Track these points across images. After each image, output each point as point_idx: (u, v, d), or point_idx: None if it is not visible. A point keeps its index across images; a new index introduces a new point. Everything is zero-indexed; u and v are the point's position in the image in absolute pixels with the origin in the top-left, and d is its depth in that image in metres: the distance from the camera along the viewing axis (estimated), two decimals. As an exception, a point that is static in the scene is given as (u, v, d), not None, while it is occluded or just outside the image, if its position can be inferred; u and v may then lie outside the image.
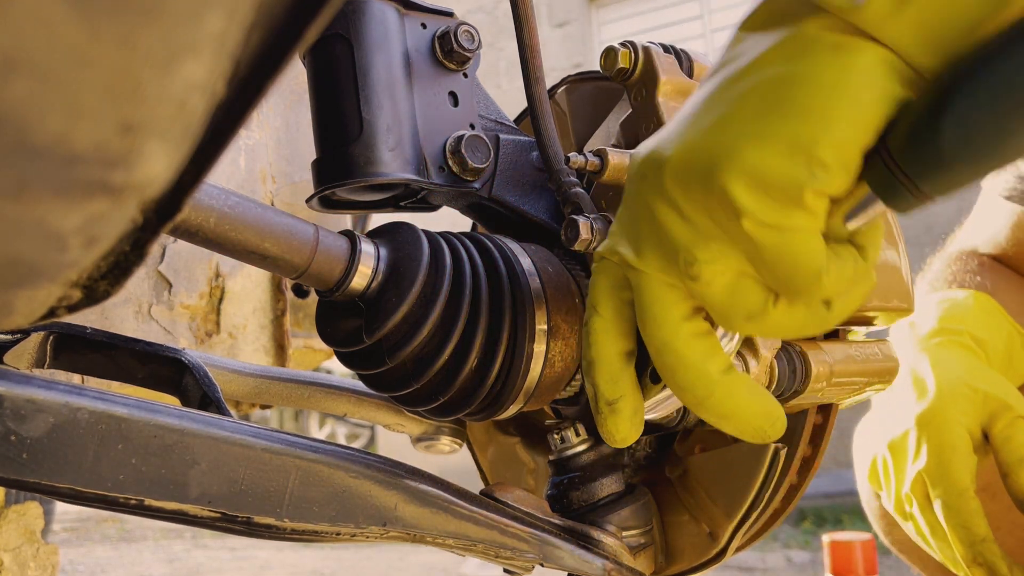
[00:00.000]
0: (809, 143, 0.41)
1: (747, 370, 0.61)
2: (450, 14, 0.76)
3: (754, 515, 0.70)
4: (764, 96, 0.43)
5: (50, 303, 0.30)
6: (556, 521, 0.70)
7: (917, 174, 0.41)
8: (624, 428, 0.53)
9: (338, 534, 0.55)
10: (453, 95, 0.74)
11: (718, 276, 0.45)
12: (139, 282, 1.12)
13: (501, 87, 6.44)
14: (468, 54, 0.75)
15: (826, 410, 0.71)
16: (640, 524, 0.74)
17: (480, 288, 0.66)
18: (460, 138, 0.72)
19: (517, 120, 0.87)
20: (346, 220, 1.54)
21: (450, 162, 0.72)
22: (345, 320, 0.65)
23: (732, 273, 0.45)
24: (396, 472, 0.58)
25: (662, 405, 0.55)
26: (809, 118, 0.41)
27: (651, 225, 0.48)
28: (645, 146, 0.50)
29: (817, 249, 0.43)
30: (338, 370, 6.11)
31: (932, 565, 0.89)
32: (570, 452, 0.75)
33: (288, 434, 0.54)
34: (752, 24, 0.46)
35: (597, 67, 0.75)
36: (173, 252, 1.16)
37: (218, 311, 1.23)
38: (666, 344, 0.47)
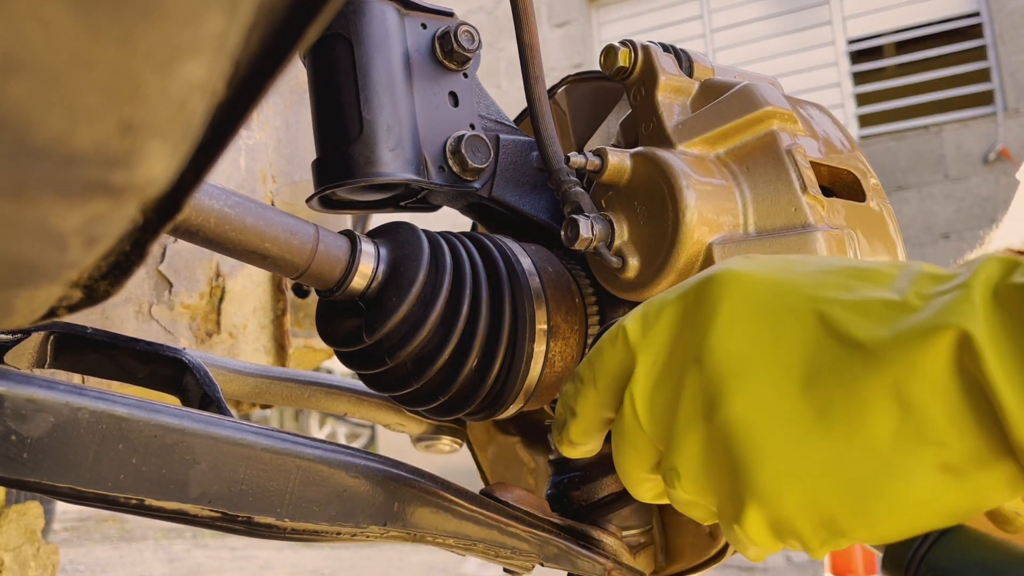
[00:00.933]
0: (843, 532, 0.40)
1: None
2: (450, 14, 0.76)
3: (754, 515, 0.70)
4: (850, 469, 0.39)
5: (50, 303, 0.30)
6: (556, 521, 0.70)
7: None
8: (574, 455, 0.54)
9: (338, 534, 0.55)
10: (453, 95, 0.75)
11: (685, 494, 0.45)
12: (140, 282, 1.12)
13: (501, 87, 6.44)
14: (468, 54, 0.75)
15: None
16: (640, 523, 0.74)
17: (480, 288, 0.66)
18: (460, 138, 0.72)
19: (517, 120, 0.87)
20: (346, 220, 1.54)
21: (450, 162, 0.72)
22: (345, 320, 0.65)
23: (696, 500, 0.46)
24: (396, 472, 0.59)
25: None
26: (865, 518, 0.39)
27: (673, 402, 0.45)
28: (730, 348, 0.43)
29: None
30: (338, 370, 6.11)
31: None
32: (570, 452, 0.75)
33: (288, 434, 0.54)
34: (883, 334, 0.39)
35: (597, 67, 0.75)
36: (174, 252, 1.17)
37: (218, 311, 1.23)
38: (625, 477, 0.50)
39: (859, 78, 6.26)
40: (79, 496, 0.44)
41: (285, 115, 1.36)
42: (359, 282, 0.62)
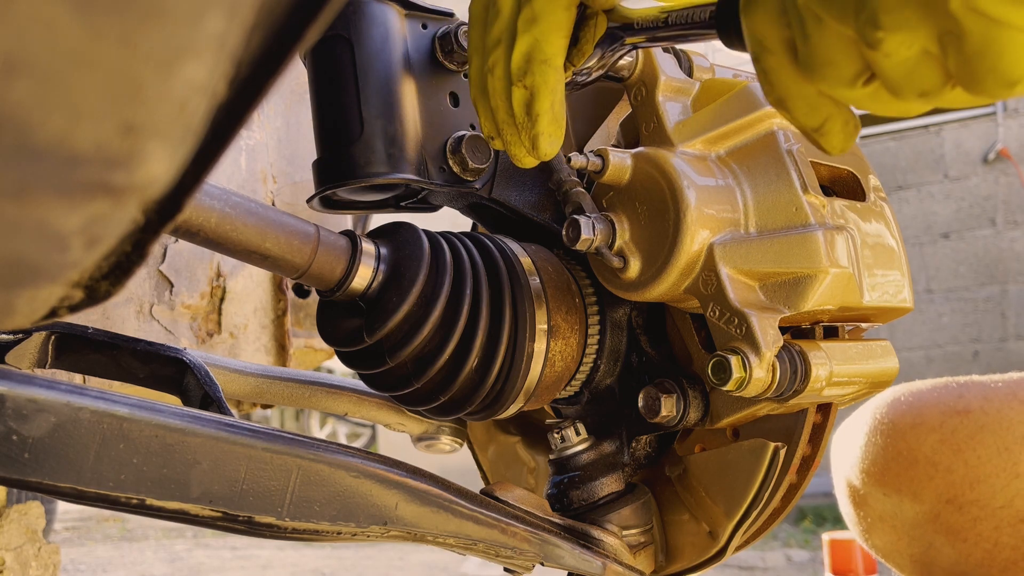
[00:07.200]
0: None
1: (749, 367, 0.61)
2: (450, 15, 0.76)
3: (754, 514, 0.70)
4: None
5: (52, 303, 0.30)
6: (556, 520, 0.70)
7: None
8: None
9: (339, 533, 0.56)
10: (454, 95, 0.75)
11: (901, 49, 0.39)
12: (140, 282, 1.12)
13: (502, 87, 6.43)
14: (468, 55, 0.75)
15: (825, 409, 0.71)
16: (640, 523, 0.74)
17: (480, 288, 0.66)
18: (460, 138, 0.72)
19: (517, 120, 0.87)
20: (347, 220, 1.54)
21: (451, 162, 0.72)
22: (346, 320, 0.65)
23: (916, 49, 0.39)
24: (397, 472, 0.59)
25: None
26: None
27: None
28: None
29: None
30: (339, 369, 6.11)
31: (908, 567, 0.89)
32: (570, 451, 0.75)
33: (289, 434, 0.54)
34: None
35: (597, 67, 0.75)
36: (174, 252, 1.17)
37: (219, 311, 1.23)
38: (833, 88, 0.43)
39: (860, 78, 6.24)
40: (80, 496, 0.44)
41: (286, 115, 1.36)
42: (360, 282, 0.62)
